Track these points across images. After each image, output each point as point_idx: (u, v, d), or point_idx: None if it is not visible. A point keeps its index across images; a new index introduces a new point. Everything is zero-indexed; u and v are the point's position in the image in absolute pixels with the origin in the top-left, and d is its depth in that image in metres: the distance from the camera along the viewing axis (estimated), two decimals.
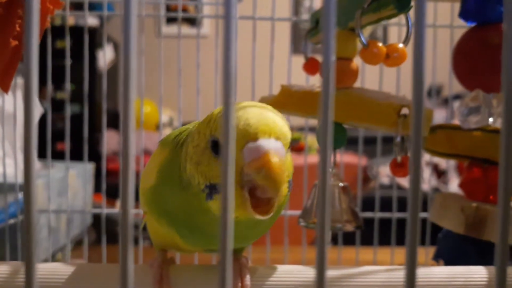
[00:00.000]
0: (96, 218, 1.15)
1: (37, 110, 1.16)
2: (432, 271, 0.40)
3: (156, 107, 2.61)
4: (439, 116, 2.25)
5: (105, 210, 0.84)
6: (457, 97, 1.79)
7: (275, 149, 0.29)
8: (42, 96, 2.29)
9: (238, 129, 0.30)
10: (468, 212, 0.47)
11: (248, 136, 0.30)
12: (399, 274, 0.39)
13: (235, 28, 0.18)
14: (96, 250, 0.87)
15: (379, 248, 0.76)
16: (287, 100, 0.52)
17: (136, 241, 0.82)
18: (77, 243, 1.23)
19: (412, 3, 0.41)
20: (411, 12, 0.41)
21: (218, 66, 0.72)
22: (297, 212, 0.57)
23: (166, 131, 2.77)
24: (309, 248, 0.79)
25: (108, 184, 0.95)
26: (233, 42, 0.19)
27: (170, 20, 2.84)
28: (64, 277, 0.39)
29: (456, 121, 0.54)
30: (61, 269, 0.39)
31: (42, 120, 0.86)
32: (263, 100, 0.54)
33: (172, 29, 2.58)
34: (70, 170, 1.16)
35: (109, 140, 2.49)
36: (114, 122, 2.65)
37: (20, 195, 0.80)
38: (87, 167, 1.26)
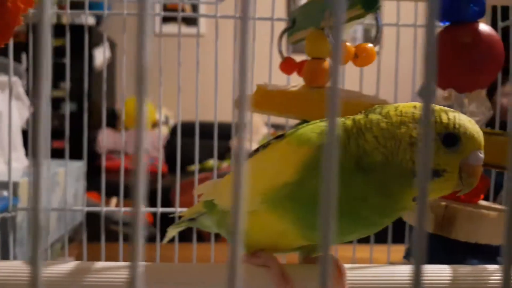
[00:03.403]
0: (89, 216, 1.15)
1: (26, 110, 1.16)
2: (395, 269, 0.41)
3: (152, 106, 2.61)
4: None
5: (105, 209, 0.84)
6: None
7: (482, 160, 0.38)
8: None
9: (477, 135, 0.37)
10: (437, 210, 0.47)
11: (479, 145, 0.37)
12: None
13: (251, 29, 0.19)
14: (88, 247, 0.87)
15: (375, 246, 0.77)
16: (262, 100, 0.52)
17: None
18: (69, 241, 1.23)
19: (380, 3, 0.41)
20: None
21: (217, 66, 0.73)
22: None
23: (163, 130, 2.77)
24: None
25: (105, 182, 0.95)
26: (249, 43, 0.19)
27: (166, 20, 2.84)
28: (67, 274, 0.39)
29: None
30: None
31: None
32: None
33: (168, 28, 2.59)
34: (59, 168, 1.17)
35: (106, 138, 2.49)
36: (109, 121, 2.65)
37: (6, 193, 0.80)
38: (78, 165, 1.26)
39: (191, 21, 2.89)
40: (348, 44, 0.44)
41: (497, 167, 0.49)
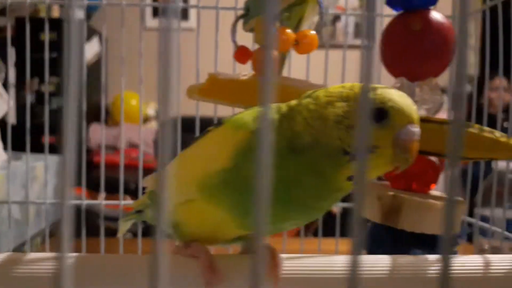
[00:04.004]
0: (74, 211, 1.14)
1: (5, 104, 1.15)
2: (332, 259, 0.40)
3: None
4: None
5: (85, 202, 0.84)
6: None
7: (418, 137, 0.36)
8: (26, 89, 2.29)
9: (407, 109, 0.36)
10: (385, 200, 0.47)
11: (410, 119, 0.36)
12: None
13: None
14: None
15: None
16: (213, 88, 0.52)
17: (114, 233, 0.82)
18: (50, 236, 1.23)
19: None
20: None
21: (198, 60, 0.72)
22: None
23: (152, 125, 2.76)
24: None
25: (95, 177, 0.94)
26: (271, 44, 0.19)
27: (157, 14, 2.83)
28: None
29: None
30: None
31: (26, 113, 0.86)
32: (191, 88, 0.54)
33: (157, 22, 2.57)
34: (37, 162, 1.17)
35: (94, 133, 2.49)
36: (99, 116, 2.64)
37: None
38: (58, 160, 1.26)
39: (181, 15, 2.87)
40: (288, 31, 0.43)
41: (447, 156, 0.48)
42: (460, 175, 0.66)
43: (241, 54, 0.55)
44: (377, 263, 0.40)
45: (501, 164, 0.94)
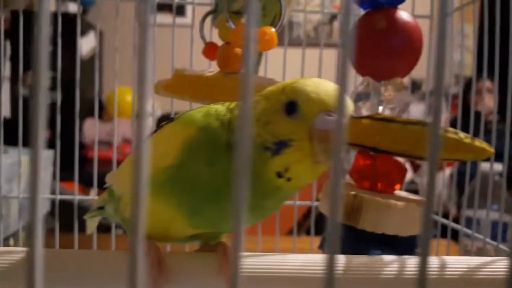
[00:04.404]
0: (62, 206, 1.14)
1: None
2: (286, 258, 0.40)
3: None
4: (418, 110, 2.24)
5: (78, 198, 0.84)
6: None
7: (345, 125, 0.33)
8: (21, 83, 2.29)
9: (317, 97, 0.34)
10: (346, 200, 0.46)
11: (325, 106, 0.34)
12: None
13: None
14: (61, 237, 0.86)
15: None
16: (179, 84, 0.51)
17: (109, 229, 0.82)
18: None
19: None
20: None
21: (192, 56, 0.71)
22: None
23: (148, 120, 2.75)
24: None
25: (89, 173, 0.94)
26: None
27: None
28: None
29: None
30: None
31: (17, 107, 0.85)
32: (159, 83, 0.54)
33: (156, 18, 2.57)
34: (23, 156, 1.16)
35: (89, 129, 2.49)
36: (93, 111, 2.64)
37: None
38: (46, 154, 1.25)
39: (178, 11, 2.87)
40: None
41: (413, 157, 0.48)
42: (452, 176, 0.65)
43: (210, 50, 0.55)
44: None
45: (485, 166, 0.93)
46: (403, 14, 0.49)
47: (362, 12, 0.52)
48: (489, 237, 0.62)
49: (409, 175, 1.98)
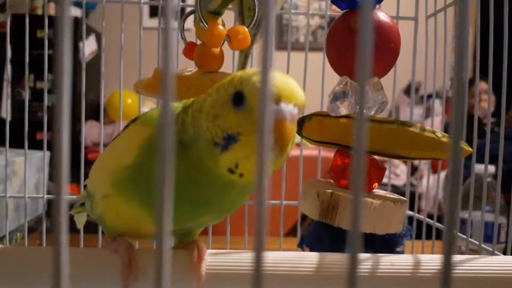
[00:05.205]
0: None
1: None
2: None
3: (137, 98, 2.61)
4: (417, 113, 2.23)
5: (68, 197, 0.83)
6: (430, 96, 1.77)
7: (292, 115, 0.31)
8: (22, 86, 2.30)
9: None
10: (323, 198, 0.46)
11: (275, 97, 0.31)
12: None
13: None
14: (49, 238, 0.86)
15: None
16: (158, 83, 0.52)
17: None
18: (29, 231, 1.23)
19: None
20: None
21: None
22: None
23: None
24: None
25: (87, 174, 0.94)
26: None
27: (154, 14, 2.84)
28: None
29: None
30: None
31: (21, 110, 0.86)
32: (139, 83, 0.54)
33: (154, 22, 2.58)
34: (17, 157, 1.17)
35: (89, 131, 2.50)
36: (96, 114, 2.65)
37: None
38: (40, 155, 1.26)
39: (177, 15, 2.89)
40: (220, 27, 0.43)
41: (388, 155, 0.48)
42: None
43: (190, 50, 0.55)
44: (300, 260, 0.40)
45: (478, 168, 0.93)
46: (380, 14, 0.49)
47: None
48: (482, 238, 0.62)
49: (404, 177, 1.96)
